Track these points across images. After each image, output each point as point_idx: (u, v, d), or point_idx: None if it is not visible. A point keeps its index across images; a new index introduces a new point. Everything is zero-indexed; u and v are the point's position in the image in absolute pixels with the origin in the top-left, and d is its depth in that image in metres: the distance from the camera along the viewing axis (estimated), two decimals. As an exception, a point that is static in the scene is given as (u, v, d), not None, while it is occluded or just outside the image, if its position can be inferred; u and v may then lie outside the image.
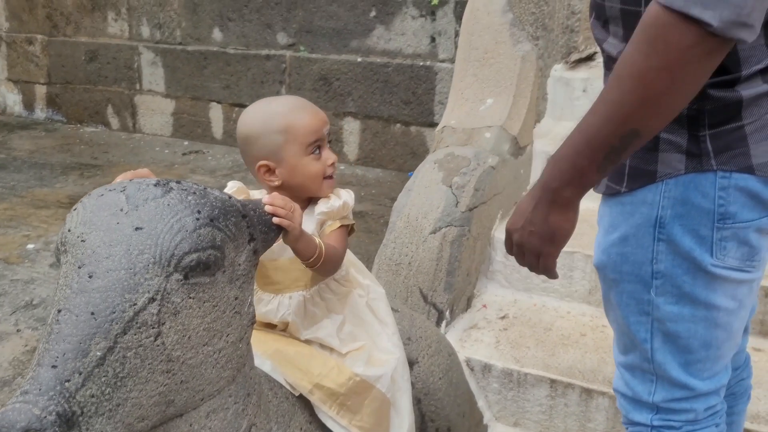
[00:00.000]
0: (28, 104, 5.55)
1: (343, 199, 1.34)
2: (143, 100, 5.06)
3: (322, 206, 1.32)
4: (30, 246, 3.29)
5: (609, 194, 1.16)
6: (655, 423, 1.22)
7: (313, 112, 1.31)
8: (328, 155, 1.33)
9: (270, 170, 1.29)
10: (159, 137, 5.08)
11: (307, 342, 1.34)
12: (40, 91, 5.46)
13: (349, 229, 1.37)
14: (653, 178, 1.09)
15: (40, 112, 5.52)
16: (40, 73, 5.41)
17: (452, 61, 3.99)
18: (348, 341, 1.34)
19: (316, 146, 1.30)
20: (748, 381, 1.44)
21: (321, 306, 1.34)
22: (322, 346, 1.33)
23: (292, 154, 1.28)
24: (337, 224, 1.32)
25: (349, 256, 1.45)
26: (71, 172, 4.38)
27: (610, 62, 1.13)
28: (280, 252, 1.26)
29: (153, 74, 4.96)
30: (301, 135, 1.27)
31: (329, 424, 1.30)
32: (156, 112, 5.04)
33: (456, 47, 3.90)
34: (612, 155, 0.99)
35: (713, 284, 1.12)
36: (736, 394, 1.41)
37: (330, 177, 1.33)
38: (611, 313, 1.25)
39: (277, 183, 1.30)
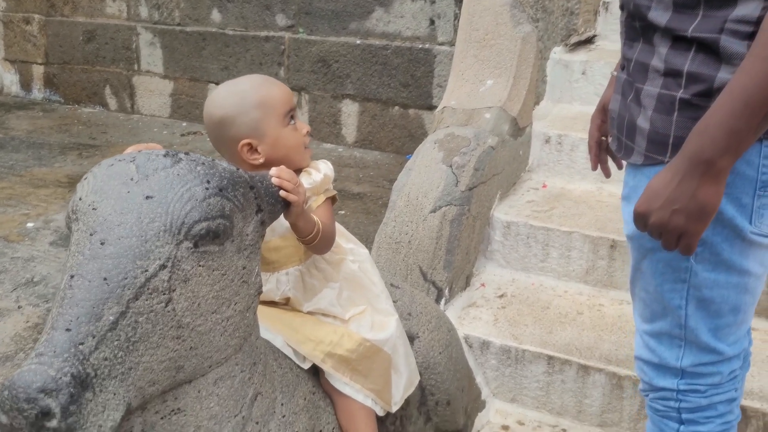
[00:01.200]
0: (26, 84, 5.53)
1: (323, 172, 1.35)
2: (141, 81, 5.05)
3: (304, 182, 1.33)
4: (30, 224, 3.30)
5: (649, 164, 1.15)
6: (681, 387, 1.25)
7: (279, 84, 1.32)
8: (302, 125, 1.34)
9: (252, 148, 1.28)
10: (157, 118, 5.08)
11: (310, 314, 1.37)
12: (38, 71, 5.44)
13: (332, 200, 1.39)
14: None
15: (38, 92, 5.50)
16: (38, 53, 5.39)
17: (451, 44, 3.99)
18: (348, 306, 1.37)
19: (290, 116, 1.31)
20: (749, 348, 1.48)
21: (318, 277, 1.36)
22: (325, 315, 1.36)
23: (272, 127, 1.28)
24: (322, 198, 1.34)
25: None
26: (69, 152, 4.38)
27: (649, 30, 1.13)
28: (269, 234, 1.28)
29: (151, 55, 4.94)
30: (277, 106, 1.28)
31: (344, 389, 1.34)
32: (154, 92, 5.03)
33: (455, 30, 3.90)
34: None
35: (748, 251, 1.15)
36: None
37: (307, 147, 1.34)
38: (640, 281, 1.25)
39: (260, 160, 1.28)
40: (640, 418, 1.92)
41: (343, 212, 3.47)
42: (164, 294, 0.94)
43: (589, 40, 3.08)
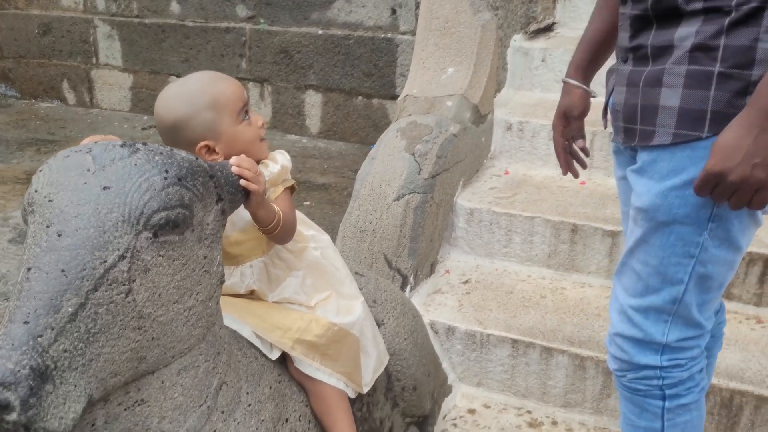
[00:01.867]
0: (-20, 80, 5.40)
1: (280, 163, 1.34)
2: (100, 75, 4.97)
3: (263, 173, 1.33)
4: (-13, 222, 3.23)
5: (680, 142, 1.15)
6: (665, 363, 1.27)
7: (230, 80, 1.29)
8: (256, 118, 1.32)
9: (210, 149, 1.26)
10: (117, 112, 5.00)
11: (276, 303, 1.37)
12: (-8, 65, 5.32)
13: (291, 189, 1.38)
14: None
15: (-7, 88, 5.38)
16: (-8, 47, 5.26)
17: (413, 33, 4.00)
18: (313, 293, 1.38)
19: (244, 111, 1.29)
20: (723, 325, 1.53)
21: (281, 266, 1.36)
22: (291, 303, 1.36)
23: (227, 125, 1.25)
24: (281, 188, 1.33)
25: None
26: (27, 147, 4.29)
27: (670, 13, 1.14)
28: (230, 228, 1.27)
29: (110, 48, 4.86)
30: (230, 104, 1.26)
31: (315, 374, 1.34)
32: (114, 86, 4.96)
33: (417, 19, 3.90)
34: None
35: (747, 228, 1.20)
36: (716, 336, 1.51)
37: (263, 139, 1.33)
38: (641, 254, 1.25)
39: (220, 159, 1.27)
40: (602, 398, 1.96)
41: (308, 203, 3.47)
42: (124, 285, 0.94)
43: (549, 28, 3.12)
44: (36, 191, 0.98)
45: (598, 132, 2.53)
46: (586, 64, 1.47)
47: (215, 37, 4.50)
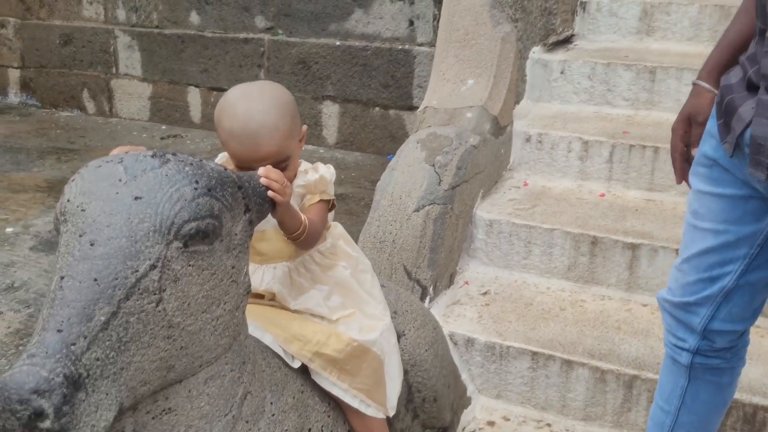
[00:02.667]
0: (2, 89, 5.47)
1: (320, 172, 1.36)
2: (120, 84, 5.02)
3: (299, 180, 1.34)
4: (9, 230, 3.26)
5: None
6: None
7: (250, 147, 1.22)
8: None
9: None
10: (136, 121, 5.05)
11: (297, 312, 1.38)
12: (14, 75, 5.39)
13: (330, 205, 1.39)
14: None
15: (14, 97, 5.44)
16: (13, 56, 5.33)
17: (431, 44, 4.01)
18: (337, 309, 1.38)
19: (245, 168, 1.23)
20: (747, 344, 1.53)
21: (306, 277, 1.37)
22: (313, 315, 1.37)
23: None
24: (317, 198, 1.34)
25: (339, 229, 1.48)
26: (48, 156, 4.34)
27: None
28: (265, 223, 1.29)
29: (129, 58, 4.91)
30: (230, 156, 1.27)
31: (331, 389, 1.35)
32: (133, 96, 5.00)
33: (434, 31, 3.92)
34: None
35: None
36: (740, 355, 1.51)
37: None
38: None
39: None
40: (623, 411, 1.95)
41: (325, 213, 3.47)
42: (155, 294, 0.95)
43: (568, 40, 3.12)
44: (69, 200, 0.99)
45: (618, 144, 2.53)
46: (722, 67, 1.39)
47: (234, 48, 4.54)
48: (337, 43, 4.26)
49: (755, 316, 1.41)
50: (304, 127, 1.37)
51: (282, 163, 1.26)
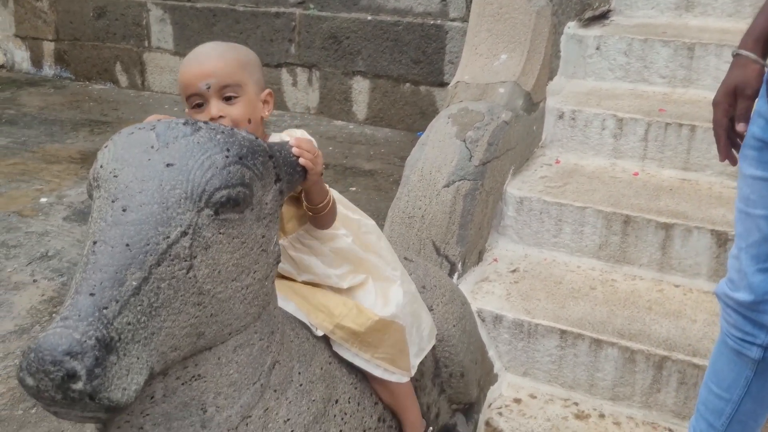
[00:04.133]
0: (36, 61, 5.54)
1: (297, 136, 1.27)
2: (152, 58, 5.05)
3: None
4: (43, 200, 3.32)
5: None
6: None
7: (197, 62, 1.22)
8: (210, 109, 1.21)
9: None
10: (168, 95, 5.08)
11: (313, 285, 1.36)
12: (48, 47, 5.45)
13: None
14: None
15: (49, 69, 5.50)
16: (48, 29, 5.39)
17: (463, 20, 3.96)
18: (346, 277, 1.36)
19: (197, 100, 1.23)
20: None
21: (305, 252, 1.34)
22: (323, 286, 1.36)
23: (186, 106, 1.26)
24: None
25: (334, 194, 1.43)
26: (81, 128, 4.39)
27: None
28: None
29: (162, 31, 4.93)
30: (180, 87, 1.25)
31: (353, 359, 1.35)
32: (165, 69, 5.03)
33: (467, 6, 3.87)
34: None
35: None
36: None
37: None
38: None
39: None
40: (652, 392, 1.93)
41: (354, 189, 3.48)
42: (185, 261, 0.95)
43: (604, 15, 3.06)
44: (101, 167, 1.00)
45: (653, 122, 2.48)
46: None
47: (265, 22, 4.53)
48: (369, 17, 4.23)
49: None
50: (268, 90, 1.31)
51: (227, 88, 1.21)
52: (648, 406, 1.95)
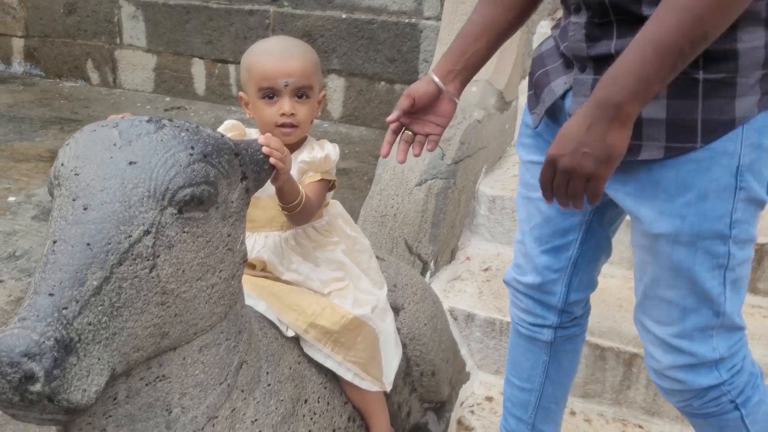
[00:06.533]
0: (5, 58, 5.45)
1: (326, 151, 1.35)
2: (124, 55, 4.99)
3: (305, 155, 1.33)
4: (11, 199, 3.26)
5: (673, 156, 1.10)
6: (725, 376, 1.22)
7: (279, 59, 1.29)
8: (283, 105, 1.30)
9: (245, 102, 1.36)
10: (140, 93, 5.02)
11: (290, 284, 1.37)
12: (18, 44, 5.36)
13: (330, 186, 1.38)
14: (732, 126, 1.07)
15: (18, 66, 5.42)
16: (18, 25, 5.30)
17: (438, 18, 3.97)
18: (329, 283, 1.37)
19: (268, 92, 1.30)
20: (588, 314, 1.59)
21: (297, 251, 1.36)
22: (305, 289, 1.36)
23: (251, 93, 1.33)
24: (318, 177, 1.34)
25: (338, 208, 1.47)
26: (51, 126, 4.32)
27: (633, 19, 1.07)
28: (262, 191, 1.27)
29: (134, 28, 4.88)
30: (255, 77, 1.30)
31: (325, 362, 1.34)
32: (137, 67, 4.97)
33: (441, 4, 3.87)
34: (679, 62, 0.99)
35: (758, 218, 1.17)
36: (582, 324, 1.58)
37: (284, 126, 1.31)
38: (670, 280, 1.18)
39: (249, 116, 1.36)
40: (622, 389, 1.94)
41: (328, 187, 3.46)
42: (148, 260, 0.93)
43: (576, 15, 3.07)
44: (62, 165, 0.98)
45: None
46: (477, 60, 1.35)
47: (239, 20, 4.50)
48: (343, 15, 4.22)
49: (596, 278, 1.47)
50: (324, 91, 1.40)
51: (302, 90, 1.31)
52: (618, 403, 1.96)
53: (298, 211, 1.27)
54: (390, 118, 1.35)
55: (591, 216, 1.36)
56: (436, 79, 1.32)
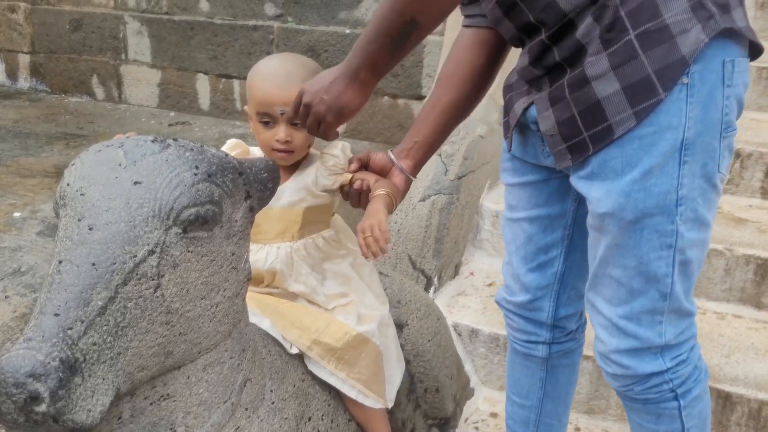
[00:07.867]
0: (12, 73, 5.48)
1: (341, 150, 1.41)
2: (129, 71, 5.02)
3: (329, 162, 1.38)
4: (17, 214, 3.27)
5: (640, 121, 1.10)
6: (669, 364, 1.22)
7: (278, 85, 1.28)
8: (278, 132, 1.30)
9: (249, 117, 1.36)
10: (145, 108, 5.05)
11: (295, 296, 1.37)
12: (24, 60, 5.40)
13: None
14: (686, 64, 1.07)
15: (24, 82, 5.45)
16: (24, 41, 5.34)
17: (440, 33, 3.98)
18: (333, 298, 1.38)
19: (265, 117, 1.31)
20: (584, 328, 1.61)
21: (307, 261, 1.37)
22: (310, 302, 1.37)
23: (251, 113, 1.34)
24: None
25: (339, 222, 1.48)
26: (57, 141, 4.35)
27: (567, 27, 1.14)
28: (275, 201, 1.28)
29: (139, 44, 4.91)
30: (254, 100, 1.32)
31: (329, 379, 1.34)
32: (142, 82, 5.00)
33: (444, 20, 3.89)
34: (399, 42, 1.15)
35: (712, 203, 1.16)
36: (578, 339, 1.60)
37: (280, 151, 1.32)
38: (618, 259, 1.19)
39: (252, 130, 1.37)
40: (627, 405, 1.93)
41: (332, 202, 3.47)
42: (153, 279, 0.94)
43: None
44: (68, 185, 0.99)
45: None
46: (433, 139, 1.44)
47: (243, 35, 4.53)
48: (347, 31, 4.24)
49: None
50: None
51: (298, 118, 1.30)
52: (623, 420, 1.95)
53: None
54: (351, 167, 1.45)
55: (572, 230, 1.39)
56: (391, 155, 1.43)
